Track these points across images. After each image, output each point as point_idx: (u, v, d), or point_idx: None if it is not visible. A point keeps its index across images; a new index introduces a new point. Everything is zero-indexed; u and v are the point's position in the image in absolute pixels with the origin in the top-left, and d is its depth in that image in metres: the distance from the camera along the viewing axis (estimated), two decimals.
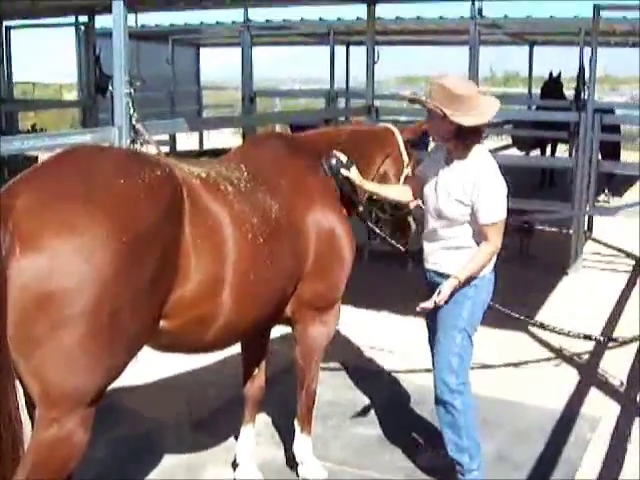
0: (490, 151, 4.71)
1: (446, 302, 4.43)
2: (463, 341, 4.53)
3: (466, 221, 4.40)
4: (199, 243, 3.47)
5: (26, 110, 15.48)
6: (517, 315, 5.49)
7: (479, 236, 4.41)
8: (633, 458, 5.11)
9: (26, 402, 3.17)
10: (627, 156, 16.39)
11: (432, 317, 4.67)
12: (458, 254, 4.44)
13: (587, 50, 12.63)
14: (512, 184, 4.67)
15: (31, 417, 3.24)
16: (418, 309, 4.45)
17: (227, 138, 20.91)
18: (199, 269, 3.48)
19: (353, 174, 4.68)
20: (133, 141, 5.75)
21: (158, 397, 5.98)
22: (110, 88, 5.94)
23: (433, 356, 4.75)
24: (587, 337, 6.39)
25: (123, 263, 3.03)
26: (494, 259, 4.56)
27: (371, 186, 4.86)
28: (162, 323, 3.43)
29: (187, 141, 18.28)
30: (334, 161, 4.63)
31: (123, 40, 5.64)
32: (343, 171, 4.63)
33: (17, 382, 3.00)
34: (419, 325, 7.17)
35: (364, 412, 5.84)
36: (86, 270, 2.93)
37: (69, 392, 3.01)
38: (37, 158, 11.30)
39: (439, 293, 4.37)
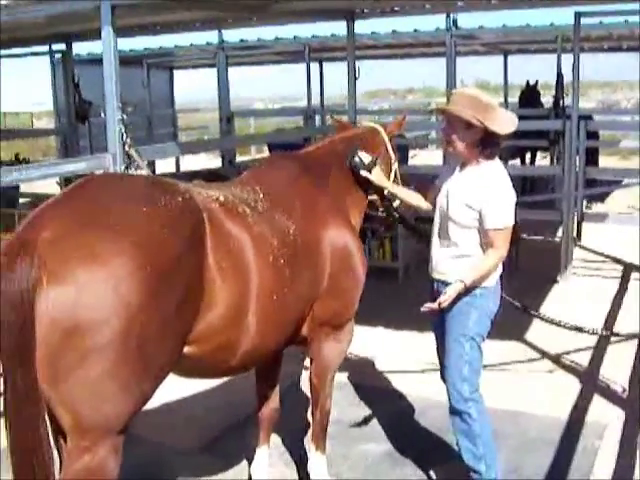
0: None
1: (453, 312, 4.46)
2: (472, 350, 4.51)
3: (474, 227, 4.39)
4: (223, 267, 3.45)
5: (8, 139, 15.33)
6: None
7: (486, 244, 4.41)
8: None
9: (53, 432, 3.16)
10: (603, 161, 16.50)
11: (440, 328, 4.68)
12: (466, 263, 4.42)
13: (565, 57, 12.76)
14: None
15: (57, 448, 3.26)
16: (423, 309, 4.43)
17: (202, 160, 20.80)
18: (224, 294, 3.46)
19: (374, 176, 4.83)
20: (127, 167, 5.70)
21: (164, 421, 5.91)
22: (102, 114, 5.89)
23: (442, 367, 4.75)
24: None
25: (150, 291, 3.01)
26: (500, 269, 4.57)
27: (394, 188, 4.99)
28: (187, 349, 3.40)
29: (163, 164, 18.19)
30: (357, 160, 4.83)
31: (114, 66, 5.61)
32: (363, 172, 4.82)
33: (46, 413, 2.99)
34: (416, 338, 7.28)
35: (365, 422, 5.90)
36: (113, 300, 2.91)
37: (100, 421, 3.00)
38: (18, 187, 11.22)
39: (445, 295, 4.36)
